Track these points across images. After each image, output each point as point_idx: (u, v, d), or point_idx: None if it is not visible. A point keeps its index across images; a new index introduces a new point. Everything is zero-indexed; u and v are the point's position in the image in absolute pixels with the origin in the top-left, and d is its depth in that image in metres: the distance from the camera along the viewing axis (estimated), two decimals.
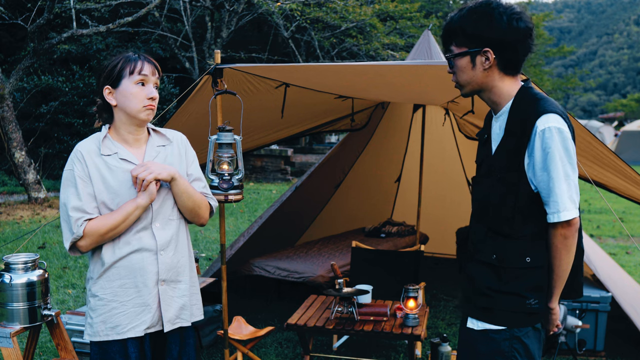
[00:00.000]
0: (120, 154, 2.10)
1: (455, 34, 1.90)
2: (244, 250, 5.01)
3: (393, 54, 17.44)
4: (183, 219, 2.21)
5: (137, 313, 2.09)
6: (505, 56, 1.86)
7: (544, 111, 1.82)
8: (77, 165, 2.05)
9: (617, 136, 23.47)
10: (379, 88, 3.93)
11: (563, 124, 1.82)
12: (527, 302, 1.88)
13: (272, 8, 14.62)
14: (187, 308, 2.21)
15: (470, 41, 1.87)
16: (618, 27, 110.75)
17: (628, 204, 11.52)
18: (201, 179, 2.28)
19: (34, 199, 10.22)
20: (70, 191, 2.04)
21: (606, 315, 4.00)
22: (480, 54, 1.86)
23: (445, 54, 1.97)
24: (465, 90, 1.97)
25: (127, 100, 2.06)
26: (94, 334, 2.10)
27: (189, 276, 2.23)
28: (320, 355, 3.98)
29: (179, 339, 2.21)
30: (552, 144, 1.79)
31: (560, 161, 1.81)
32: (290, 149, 15.88)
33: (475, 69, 1.89)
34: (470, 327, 1.98)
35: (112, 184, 2.06)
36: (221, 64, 3.13)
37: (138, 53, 2.11)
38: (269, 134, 4.68)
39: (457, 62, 1.92)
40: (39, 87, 13.18)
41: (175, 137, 2.27)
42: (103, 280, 2.09)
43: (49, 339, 4.14)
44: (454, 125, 5.70)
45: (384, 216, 6.54)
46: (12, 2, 12.53)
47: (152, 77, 2.09)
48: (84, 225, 2.02)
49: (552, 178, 1.81)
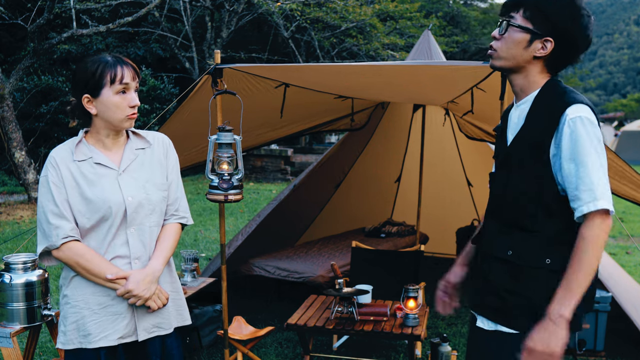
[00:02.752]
0: (95, 159, 2.03)
1: (529, 5, 1.74)
2: (242, 250, 5.00)
3: (393, 54, 17.44)
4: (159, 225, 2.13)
5: (109, 321, 2.01)
6: (562, 54, 1.76)
7: (575, 101, 1.71)
8: (50, 171, 1.99)
9: (617, 136, 23.45)
10: (379, 88, 3.93)
11: (592, 115, 1.71)
12: (542, 307, 1.70)
13: (272, 8, 14.61)
14: (166, 316, 2.13)
15: (539, 21, 1.73)
16: (618, 27, 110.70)
17: (628, 203, 11.51)
18: (178, 187, 2.20)
19: (34, 199, 10.21)
20: (47, 197, 1.98)
21: (606, 315, 4.00)
22: (541, 40, 1.74)
23: (505, 15, 1.79)
24: (499, 63, 1.82)
25: (108, 110, 1.98)
26: (66, 342, 2.03)
27: (169, 282, 2.17)
28: (320, 355, 3.98)
29: (159, 349, 2.11)
30: (584, 133, 1.67)
31: (595, 151, 1.67)
32: (290, 149, 15.87)
33: (527, 50, 1.76)
34: (480, 326, 1.88)
35: (87, 193, 1.99)
36: (221, 64, 3.13)
37: (115, 56, 2.01)
38: (269, 132, 4.68)
39: (513, 34, 1.76)
40: (39, 87, 13.17)
41: (157, 139, 2.18)
42: (75, 287, 2.03)
43: (49, 339, 4.14)
44: (454, 125, 5.70)
45: (384, 216, 6.54)
46: (12, 2, 12.52)
47: (133, 83, 2.01)
48: (67, 240, 1.96)
49: (586, 166, 1.65)
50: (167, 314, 2.13)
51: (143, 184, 2.07)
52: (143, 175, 2.08)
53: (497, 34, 1.81)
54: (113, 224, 2.01)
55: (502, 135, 1.92)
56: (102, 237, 2.02)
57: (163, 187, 2.13)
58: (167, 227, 2.15)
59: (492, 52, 1.84)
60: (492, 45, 1.84)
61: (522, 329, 1.76)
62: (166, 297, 2.10)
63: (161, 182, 2.12)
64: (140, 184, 2.06)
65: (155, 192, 2.09)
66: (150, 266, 2.05)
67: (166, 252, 2.11)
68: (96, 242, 2.02)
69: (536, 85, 1.81)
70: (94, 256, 1.99)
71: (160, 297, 2.07)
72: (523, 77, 1.82)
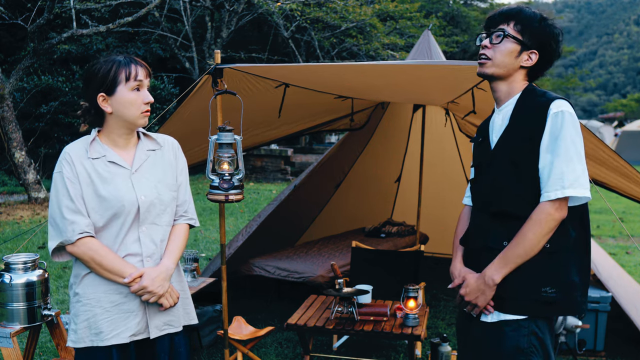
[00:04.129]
0: (109, 157, 2.07)
1: (521, 21, 1.92)
2: (243, 250, 5.01)
3: (393, 54, 17.45)
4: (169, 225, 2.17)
5: (122, 319, 2.04)
6: (542, 65, 1.95)
7: (555, 98, 1.87)
8: (65, 167, 2.02)
9: (617, 136, 23.46)
10: (379, 88, 3.93)
11: (572, 110, 1.86)
12: (543, 290, 1.84)
13: (272, 8, 14.61)
14: (176, 314, 2.17)
15: (528, 36, 1.91)
16: (618, 27, 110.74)
17: (628, 203, 11.52)
18: (187, 189, 2.25)
19: (34, 199, 10.22)
20: (62, 193, 2.00)
21: (606, 315, 4.00)
22: (528, 52, 1.92)
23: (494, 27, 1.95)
24: (490, 70, 1.95)
25: (124, 107, 2.03)
26: (77, 340, 2.04)
27: (177, 281, 2.21)
28: (320, 355, 3.98)
29: (168, 347, 2.15)
30: (564, 127, 1.81)
31: (573, 144, 1.81)
32: (290, 149, 15.88)
33: (517, 59, 1.92)
34: (483, 320, 1.93)
35: (101, 190, 2.02)
36: (221, 64, 3.13)
37: (128, 56, 2.06)
38: (269, 131, 4.68)
39: (506, 44, 1.92)
40: (39, 87, 13.17)
41: (167, 142, 2.23)
42: (86, 285, 2.05)
43: (49, 339, 4.14)
44: (454, 126, 5.70)
45: (384, 216, 6.54)
46: (12, 2, 12.52)
47: (146, 81, 2.07)
48: (83, 236, 1.99)
49: (559, 157, 1.80)
50: (177, 313, 2.18)
51: (155, 183, 2.11)
52: (155, 176, 2.13)
53: (489, 43, 1.94)
54: (125, 222, 2.04)
55: (483, 142, 2.04)
56: (114, 234, 2.05)
57: (173, 188, 2.18)
58: (177, 227, 2.20)
59: (485, 60, 1.94)
60: (486, 54, 1.94)
61: (522, 313, 1.86)
62: (177, 296, 2.14)
63: (172, 182, 2.17)
64: (152, 183, 2.11)
65: (166, 192, 2.14)
66: (163, 264, 2.10)
67: (177, 251, 2.16)
68: (108, 240, 2.05)
69: (517, 90, 1.97)
70: (108, 252, 2.02)
71: (172, 295, 2.12)
72: (507, 84, 1.97)
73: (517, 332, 1.87)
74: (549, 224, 1.81)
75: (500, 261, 1.87)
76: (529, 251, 1.83)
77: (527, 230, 1.83)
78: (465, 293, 1.96)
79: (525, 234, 1.83)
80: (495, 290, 1.88)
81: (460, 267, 2.05)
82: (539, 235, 1.81)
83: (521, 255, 1.83)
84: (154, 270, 2.06)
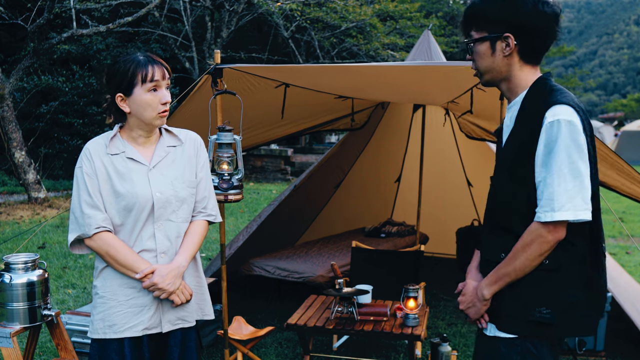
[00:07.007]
0: (128, 153, 2.11)
1: (476, 19, 1.82)
2: (243, 250, 5.01)
3: (393, 54, 17.45)
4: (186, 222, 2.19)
5: (134, 313, 2.10)
6: (528, 43, 1.77)
7: (555, 102, 1.69)
8: (85, 163, 2.09)
9: (617, 136, 23.46)
10: (379, 88, 3.93)
11: (574, 116, 1.67)
12: (537, 310, 1.72)
13: (272, 8, 14.61)
14: (189, 309, 2.21)
15: (491, 26, 1.78)
16: (618, 27, 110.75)
17: (628, 203, 11.52)
18: (207, 185, 2.25)
19: (34, 199, 10.22)
20: (81, 188, 2.07)
21: (606, 315, 4.00)
22: (501, 40, 1.77)
23: (465, 40, 1.89)
24: (485, 78, 1.88)
25: (141, 108, 2.06)
26: (93, 331, 2.13)
27: (194, 276, 2.24)
28: (320, 355, 3.98)
29: (180, 341, 2.20)
30: (559, 138, 1.64)
31: (567, 157, 1.64)
32: (290, 149, 15.89)
33: (495, 55, 1.80)
34: (485, 332, 1.88)
35: (118, 186, 2.07)
36: (221, 64, 3.13)
37: (147, 56, 2.08)
38: (268, 131, 4.68)
39: (477, 48, 1.84)
40: (39, 87, 13.17)
41: (189, 137, 2.25)
42: (104, 279, 2.12)
43: (49, 339, 4.14)
44: (454, 126, 5.70)
45: (384, 216, 6.54)
46: (12, 2, 12.52)
47: (163, 81, 2.08)
48: (99, 230, 2.04)
49: (552, 174, 1.65)
50: (190, 308, 2.21)
51: (171, 180, 2.13)
52: (172, 172, 2.15)
53: (469, 56, 1.91)
54: (140, 218, 2.08)
55: (499, 138, 1.94)
56: (129, 230, 2.09)
57: (192, 185, 2.19)
58: (194, 224, 2.22)
59: (476, 73, 1.91)
60: (472, 67, 1.92)
61: (515, 331, 1.78)
62: (190, 294, 2.17)
63: (190, 179, 2.19)
64: (168, 180, 2.13)
65: (183, 188, 2.16)
66: (175, 261, 2.13)
67: (192, 248, 2.18)
68: (125, 235, 2.10)
69: (523, 83, 1.82)
70: (122, 247, 2.07)
71: (185, 292, 2.15)
72: (508, 81, 1.85)
73: (510, 350, 1.79)
74: (541, 246, 1.68)
75: (492, 277, 1.80)
76: (519, 272, 1.73)
77: (517, 250, 1.72)
78: (460, 301, 1.93)
79: (516, 253, 1.72)
80: (492, 304, 1.83)
81: (472, 271, 1.98)
82: (529, 256, 1.70)
83: (510, 274, 1.74)
84: (166, 268, 2.09)
